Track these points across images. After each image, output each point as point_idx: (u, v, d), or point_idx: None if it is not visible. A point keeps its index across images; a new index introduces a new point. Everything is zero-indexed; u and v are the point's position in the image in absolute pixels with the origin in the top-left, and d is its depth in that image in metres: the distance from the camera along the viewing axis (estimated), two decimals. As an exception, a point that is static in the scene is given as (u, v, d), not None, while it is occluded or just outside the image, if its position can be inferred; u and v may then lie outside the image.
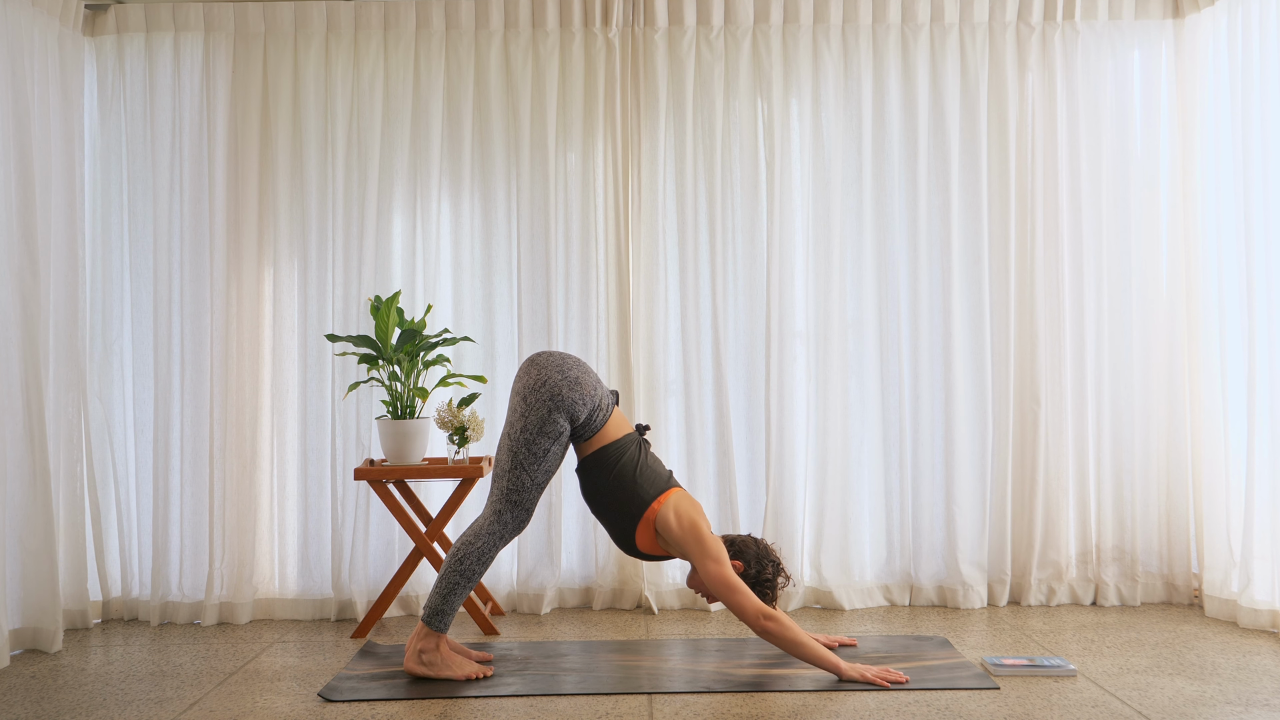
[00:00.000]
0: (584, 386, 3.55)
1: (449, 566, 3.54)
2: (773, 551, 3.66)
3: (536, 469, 3.52)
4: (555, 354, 3.63)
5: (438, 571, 4.25)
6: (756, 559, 3.62)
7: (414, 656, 3.56)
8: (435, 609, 3.54)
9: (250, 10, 4.61)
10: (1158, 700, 3.30)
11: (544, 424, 3.50)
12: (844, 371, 4.64)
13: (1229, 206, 4.36)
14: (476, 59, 4.66)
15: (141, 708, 3.33)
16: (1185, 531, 4.62)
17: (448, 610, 3.54)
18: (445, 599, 3.53)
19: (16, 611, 4.03)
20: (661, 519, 3.53)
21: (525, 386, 3.55)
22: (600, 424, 3.59)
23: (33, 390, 4.03)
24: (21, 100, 4.02)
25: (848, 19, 4.65)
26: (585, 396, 3.54)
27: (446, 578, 3.54)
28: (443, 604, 3.53)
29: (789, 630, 3.42)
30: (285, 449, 4.65)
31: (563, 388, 3.52)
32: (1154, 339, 4.64)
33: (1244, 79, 4.20)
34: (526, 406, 3.52)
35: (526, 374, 3.58)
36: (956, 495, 4.59)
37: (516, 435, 3.53)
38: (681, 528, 3.51)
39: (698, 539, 3.49)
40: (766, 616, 3.41)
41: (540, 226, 4.64)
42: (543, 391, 3.51)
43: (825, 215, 4.65)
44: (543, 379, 3.54)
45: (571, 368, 3.58)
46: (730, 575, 3.45)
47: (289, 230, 4.66)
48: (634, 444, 3.64)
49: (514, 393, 3.60)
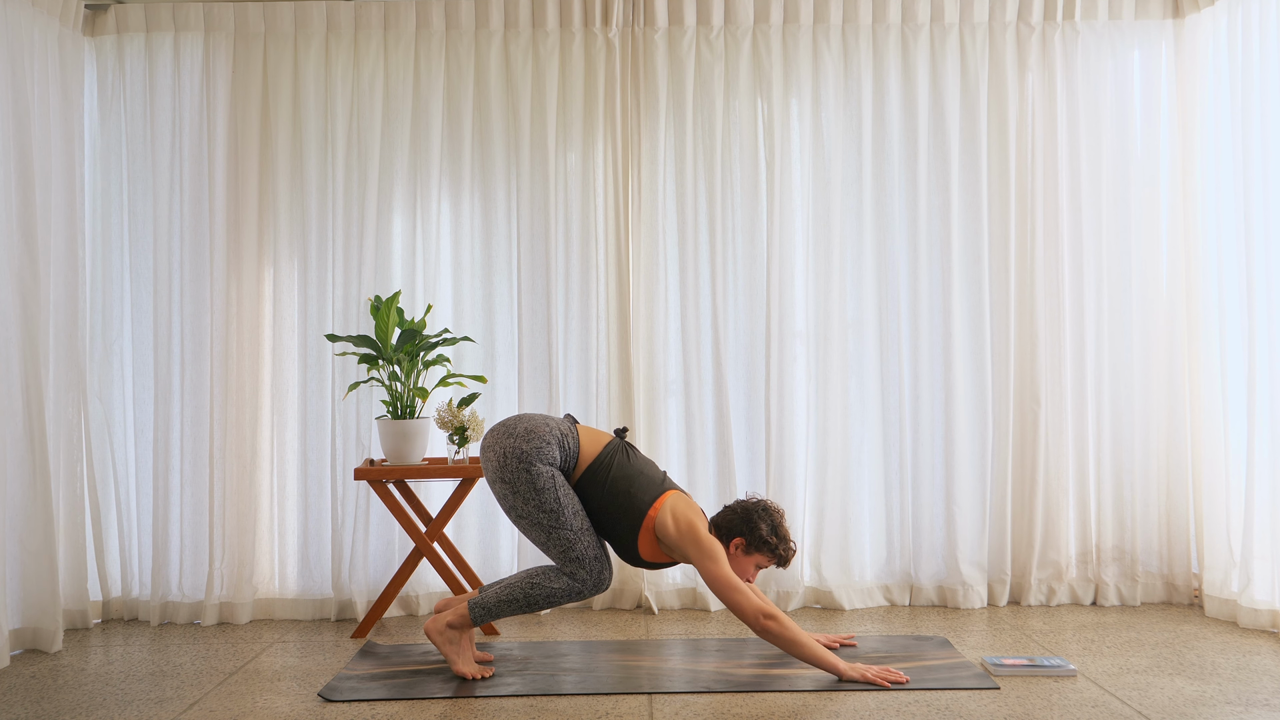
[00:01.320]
0: (537, 431, 3.55)
1: (522, 580, 3.56)
2: (763, 510, 3.59)
3: (565, 521, 3.51)
4: (495, 427, 3.64)
5: (437, 571, 4.26)
6: (746, 523, 3.57)
7: (441, 628, 3.58)
8: (487, 606, 3.56)
9: (250, 10, 4.61)
10: (1158, 700, 3.30)
11: (534, 482, 3.49)
12: (844, 371, 4.64)
13: (1229, 206, 4.36)
14: (476, 59, 4.66)
15: (141, 708, 3.33)
16: (1185, 531, 4.62)
17: (495, 614, 3.57)
18: (500, 605, 3.56)
19: (16, 611, 4.03)
20: (660, 524, 3.53)
21: (494, 470, 3.55)
22: (575, 449, 3.59)
23: (33, 390, 4.03)
24: (21, 100, 4.02)
25: (848, 19, 4.65)
26: (544, 437, 3.54)
27: (514, 588, 3.55)
28: (496, 607, 3.56)
29: (789, 630, 3.41)
30: (285, 449, 4.65)
31: (521, 444, 3.52)
32: (1154, 339, 4.64)
33: (1244, 79, 4.20)
34: (508, 484, 3.52)
35: (487, 462, 3.59)
36: (956, 495, 4.59)
37: (524, 510, 3.52)
38: (679, 530, 3.50)
39: (695, 540, 3.49)
40: (767, 615, 3.40)
41: (540, 226, 4.64)
42: (509, 461, 3.51)
43: (825, 215, 4.65)
44: (501, 452, 3.54)
45: (515, 424, 3.59)
46: (728, 574, 3.44)
47: (289, 230, 4.66)
48: (617, 451, 3.64)
49: (491, 484, 3.59)
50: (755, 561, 3.60)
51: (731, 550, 3.58)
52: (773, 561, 3.60)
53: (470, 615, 3.57)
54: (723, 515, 3.64)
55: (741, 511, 3.60)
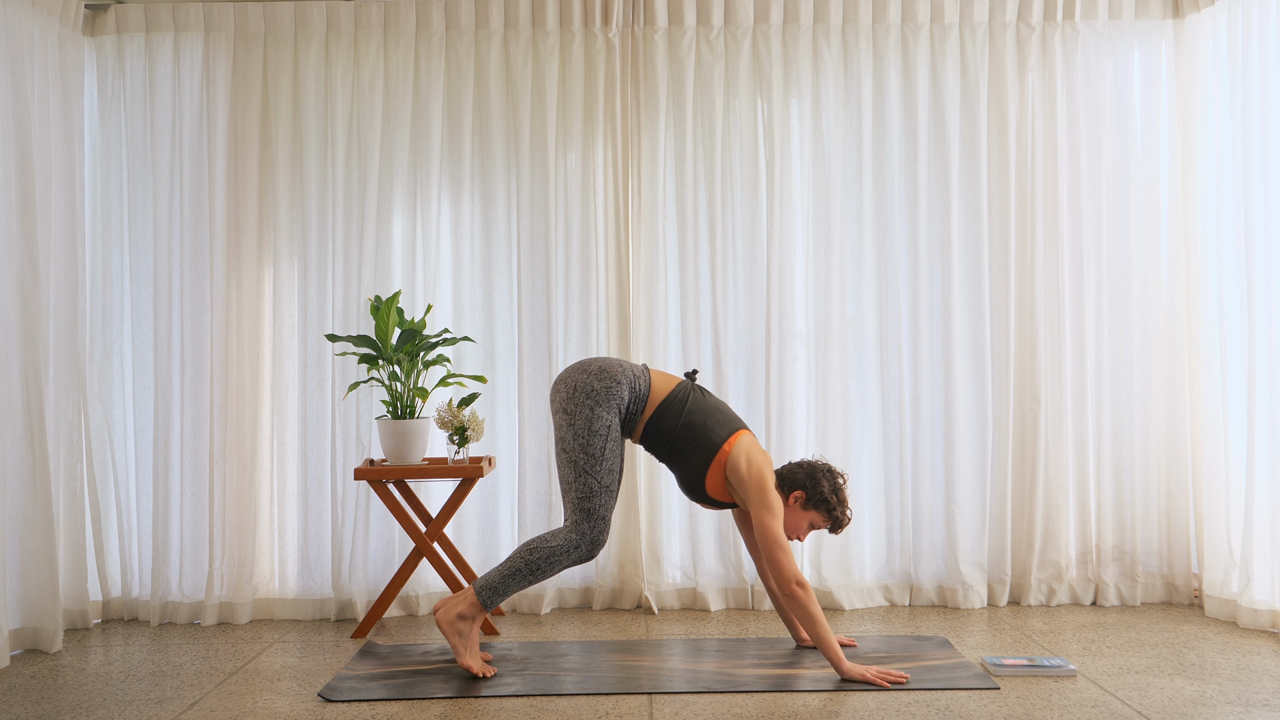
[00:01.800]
0: (610, 371, 3.63)
1: (519, 552, 3.58)
2: (827, 470, 3.67)
3: (599, 470, 3.55)
4: (570, 366, 3.75)
5: (437, 571, 4.26)
6: (809, 477, 3.64)
7: (451, 620, 3.58)
8: (492, 585, 3.57)
9: (250, 10, 4.61)
10: (1158, 700, 3.30)
11: (591, 423, 3.55)
12: (844, 371, 4.64)
13: (1229, 206, 4.36)
14: (476, 59, 4.66)
15: (141, 708, 3.33)
16: (1185, 531, 4.62)
17: (502, 591, 3.57)
18: (504, 580, 3.56)
19: (16, 611, 4.03)
20: (732, 461, 3.59)
21: (562, 400, 3.62)
22: (646, 390, 3.66)
23: (33, 390, 4.03)
24: (21, 100, 4.02)
25: (848, 19, 4.65)
26: (615, 377, 3.62)
27: (512, 561, 3.57)
28: (501, 583, 3.56)
29: (812, 604, 3.46)
30: (285, 449, 4.65)
31: (593, 382, 3.60)
32: (1154, 339, 4.64)
33: (1244, 79, 4.20)
34: (568, 415, 3.59)
35: (557, 392, 3.67)
36: (956, 495, 4.59)
37: (570, 444, 3.57)
38: (750, 473, 3.56)
39: (761, 488, 3.54)
40: (799, 583, 3.45)
41: (540, 226, 4.64)
42: (578, 395, 3.59)
43: (825, 215, 4.65)
44: (573, 385, 3.62)
45: (590, 363, 3.68)
46: (779, 531, 3.50)
47: (289, 230, 4.66)
48: (691, 389, 3.72)
49: (554, 413, 3.66)
50: (810, 519, 3.66)
51: (790, 502, 3.64)
52: (827, 523, 3.68)
53: (479, 599, 3.58)
54: (787, 468, 3.71)
55: (806, 467, 3.68)
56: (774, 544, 3.48)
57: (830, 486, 3.63)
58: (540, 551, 3.56)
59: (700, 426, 3.62)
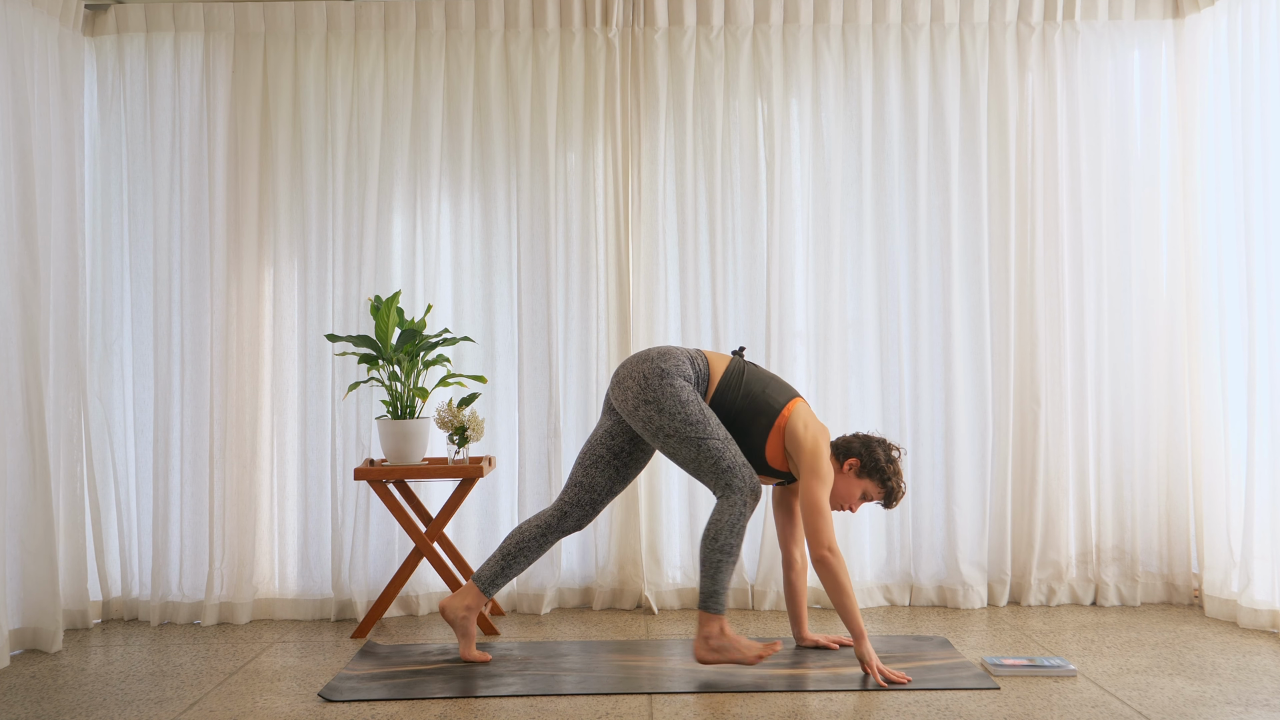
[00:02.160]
0: (670, 353, 3.67)
1: (707, 552, 3.53)
2: (883, 442, 3.71)
3: (710, 429, 3.55)
4: (624, 361, 3.76)
5: (437, 571, 4.26)
6: (865, 445, 3.68)
7: (703, 646, 3.54)
8: (707, 591, 3.53)
9: (250, 10, 4.61)
10: (1158, 700, 3.30)
11: (678, 394, 3.56)
12: (844, 371, 4.64)
13: (1229, 206, 4.36)
14: (476, 59, 4.66)
15: (141, 708, 3.33)
16: (1185, 531, 4.62)
17: (720, 589, 3.51)
18: (713, 579, 3.52)
19: (16, 611, 4.03)
20: (790, 426, 3.61)
21: (636, 394, 3.60)
22: (705, 369, 3.68)
23: (33, 390, 4.03)
24: (21, 100, 4.02)
25: (848, 19, 4.65)
26: (678, 357, 3.65)
27: (708, 560, 3.52)
28: (713, 584, 3.51)
29: (842, 574, 3.48)
30: (285, 449, 4.65)
31: (659, 363, 3.62)
32: (1154, 339, 4.64)
33: (1244, 79, 4.20)
34: (652, 403, 3.57)
35: (626, 390, 3.63)
36: (956, 495, 4.59)
37: (670, 426, 3.55)
38: (805, 437, 3.59)
39: (816, 455, 3.57)
40: (830, 549, 3.48)
41: (540, 226, 4.64)
42: (651, 380, 3.59)
43: (825, 215, 4.65)
44: (642, 374, 3.61)
45: (646, 352, 3.71)
46: (824, 500, 3.53)
47: (289, 230, 4.66)
48: (745, 364, 3.74)
49: (632, 414, 3.62)
50: (864, 488, 3.69)
51: (844, 469, 3.67)
52: (880, 494, 3.70)
53: (705, 610, 3.51)
54: (842, 438, 3.75)
55: (862, 437, 3.72)
56: (815, 510, 3.50)
57: (885, 456, 3.67)
58: (723, 533, 3.51)
59: (759, 395, 3.65)
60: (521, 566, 3.79)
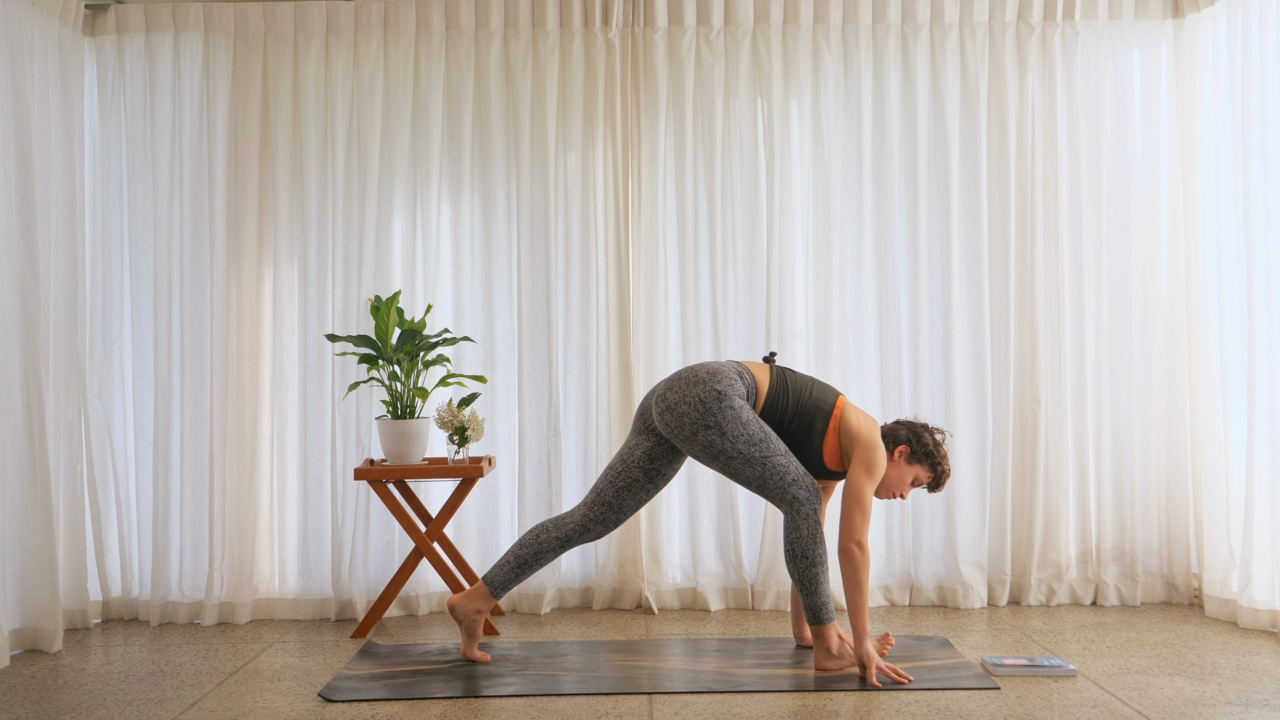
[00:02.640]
0: (721, 372, 3.61)
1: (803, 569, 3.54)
2: (929, 428, 3.73)
3: (771, 447, 3.54)
4: (669, 383, 3.64)
5: (437, 571, 4.26)
6: (912, 432, 3.69)
7: (825, 656, 3.58)
8: (815, 606, 3.56)
9: (250, 10, 4.61)
10: (1158, 700, 3.30)
11: (738, 415, 3.53)
12: (844, 371, 4.64)
13: (1229, 206, 4.36)
14: (476, 59, 4.66)
15: (141, 708, 3.33)
16: (1185, 531, 4.62)
17: (825, 601, 3.55)
18: (816, 593, 3.55)
19: (16, 611, 4.03)
20: (844, 421, 3.63)
21: (694, 420, 3.53)
22: (752, 383, 3.65)
23: (33, 390, 4.03)
24: (21, 100, 4.02)
25: (848, 19, 4.65)
26: (729, 376, 3.60)
27: (804, 577, 3.55)
28: (817, 598, 3.55)
29: (864, 571, 3.50)
30: (285, 449, 4.65)
31: (713, 385, 3.56)
32: (1154, 339, 4.64)
33: (1244, 79, 4.20)
34: (713, 428, 3.52)
35: (680, 417, 3.55)
36: (956, 495, 4.59)
37: (735, 449, 3.52)
38: (861, 428, 3.61)
39: (870, 446, 3.59)
40: (860, 545, 3.50)
41: (540, 226, 4.64)
42: (710, 404, 3.53)
43: (825, 215, 4.65)
44: (697, 399, 3.54)
45: (694, 373, 3.61)
46: (869, 493, 3.55)
47: (289, 230, 4.66)
48: (785, 370, 3.73)
49: (688, 440, 3.56)
50: (914, 474, 3.70)
51: (895, 457, 3.66)
52: (929, 478, 3.71)
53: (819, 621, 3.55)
54: (888, 426, 3.75)
55: (907, 424, 3.73)
56: (859, 504, 3.52)
57: (933, 441, 3.68)
58: (807, 543, 3.53)
59: (808, 400, 3.65)
60: (535, 571, 3.78)
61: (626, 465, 3.72)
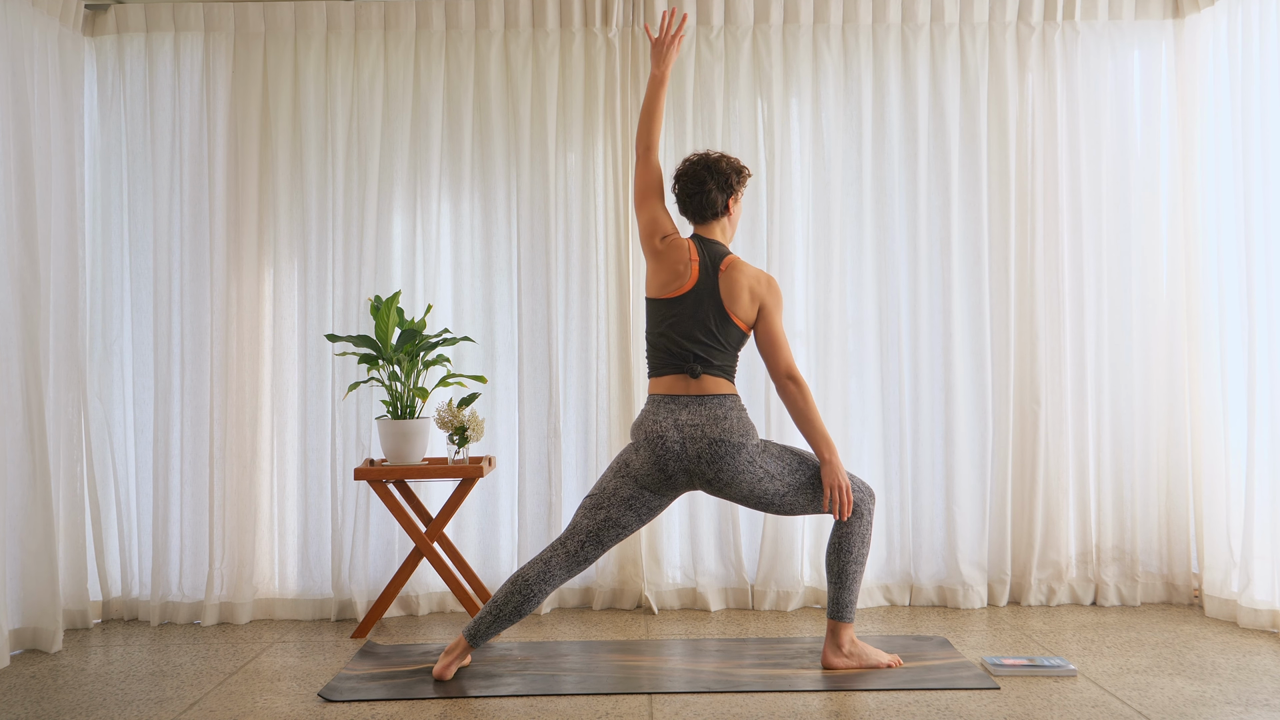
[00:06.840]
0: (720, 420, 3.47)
1: (842, 564, 3.58)
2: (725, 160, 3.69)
3: (804, 465, 3.56)
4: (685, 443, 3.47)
5: (437, 571, 4.26)
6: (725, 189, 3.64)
7: (835, 652, 3.61)
8: (842, 601, 3.59)
9: (250, 10, 4.61)
10: (1158, 700, 3.30)
11: (765, 450, 3.53)
12: (844, 371, 4.64)
13: (1229, 206, 4.36)
14: (476, 59, 4.66)
15: (141, 708, 3.33)
16: (1185, 531, 4.62)
17: (854, 599, 3.59)
18: (849, 589, 3.58)
19: (16, 611, 4.03)
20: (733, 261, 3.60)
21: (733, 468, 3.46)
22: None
23: (33, 390, 4.03)
24: (21, 100, 4.02)
25: (848, 19, 4.65)
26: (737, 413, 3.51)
27: (842, 572, 3.58)
28: (848, 595, 3.58)
29: (806, 400, 3.51)
30: (285, 449, 4.65)
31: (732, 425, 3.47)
32: (1154, 339, 4.65)
33: (1244, 79, 4.20)
34: (745, 469, 3.47)
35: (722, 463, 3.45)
36: (956, 495, 4.59)
37: (774, 485, 3.51)
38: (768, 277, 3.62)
39: (767, 279, 3.62)
40: (792, 378, 3.51)
41: (540, 226, 4.64)
42: (740, 452, 3.46)
43: (825, 215, 4.65)
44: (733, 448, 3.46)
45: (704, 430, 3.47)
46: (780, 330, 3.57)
47: (289, 230, 4.66)
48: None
49: (726, 486, 3.49)
50: (738, 211, 3.71)
51: (730, 209, 3.67)
52: (741, 190, 3.69)
53: (840, 620, 3.60)
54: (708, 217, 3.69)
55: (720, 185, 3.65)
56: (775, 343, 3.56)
57: (731, 168, 3.63)
58: (855, 542, 3.56)
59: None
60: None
61: (628, 522, 3.56)
